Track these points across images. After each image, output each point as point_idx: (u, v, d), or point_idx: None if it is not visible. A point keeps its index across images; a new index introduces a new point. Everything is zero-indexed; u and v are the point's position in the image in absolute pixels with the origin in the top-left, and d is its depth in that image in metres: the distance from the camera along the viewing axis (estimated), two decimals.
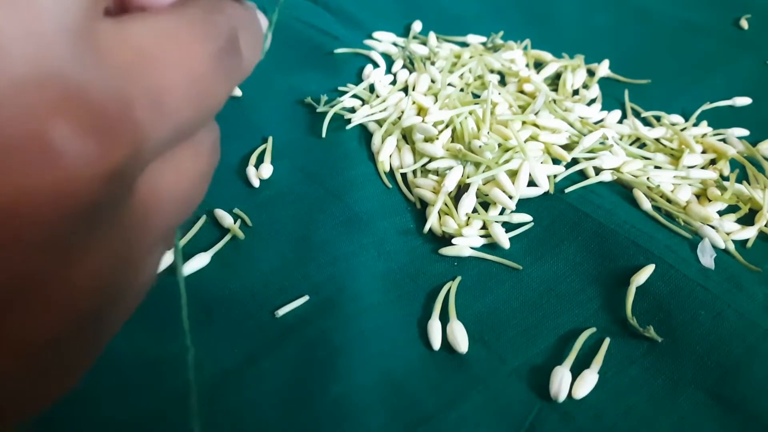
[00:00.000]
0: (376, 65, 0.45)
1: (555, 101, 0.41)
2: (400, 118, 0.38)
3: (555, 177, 0.35)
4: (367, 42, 0.48)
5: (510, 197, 0.33)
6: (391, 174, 0.37)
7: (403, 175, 0.37)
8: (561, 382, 0.27)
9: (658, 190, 0.35)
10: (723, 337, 0.28)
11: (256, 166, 0.37)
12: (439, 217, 0.34)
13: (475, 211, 0.34)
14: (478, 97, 0.42)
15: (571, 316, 0.30)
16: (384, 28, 0.49)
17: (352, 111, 0.41)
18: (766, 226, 0.34)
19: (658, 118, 0.42)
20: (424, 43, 0.48)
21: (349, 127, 0.39)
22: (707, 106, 0.43)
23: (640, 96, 0.44)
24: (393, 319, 0.30)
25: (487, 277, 0.32)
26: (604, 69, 0.46)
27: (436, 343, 0.28)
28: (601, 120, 0.41)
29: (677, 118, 0.42)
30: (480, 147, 0.34)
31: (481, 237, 0.33)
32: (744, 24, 0.53)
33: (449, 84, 0.42)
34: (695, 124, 0.41)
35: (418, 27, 0.50)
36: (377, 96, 0.42)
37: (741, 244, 0.33)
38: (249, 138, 0.39)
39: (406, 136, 0.38)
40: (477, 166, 0.35)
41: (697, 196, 0.36)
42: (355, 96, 0.42)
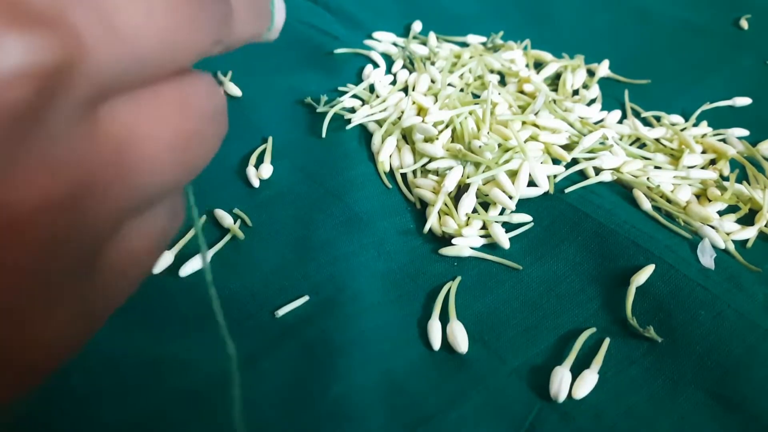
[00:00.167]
0: (376, 65, 0.45)
1: (555, 101, 0.41)
2: (400, 118, 0.38)
3: (555, 177, 0.35)
4: (367, 42, 0.48)
5: (510, 197, 0.33)
6: (391, 174, 0.37)
7: (403, 175, 0.37)
8: (561, 382, 0.27)
9: (658, 190, 0.35)
10: (723, 337, 0.28)
11: (256, 166, 0.37)
12: (439, 217, 0.34)
13: (475, 211, 0.34)
14: (478, 97, 0.42)
15: (571, 316, 0.30)
16: (384, 28, 0.49)
17: (352, 111, 0.41)
18: (766, 226, 0.34)
19: (658, 118, 0.42)
20: (424, 43, 0.48)
21: (349, 127, 0.39)
22: (707, 106, 0.43)
23: (640, 96, 0.44)
24: (393, 319, 0.30)
25: (487, 277, 0.32)
26: (604, 69, 0.46)
27: (436, 343, 0.28)
28: (601, 120, 0.41)
29: (677, 118, 0.42)
30: (480, 147, 0.34)
31: (481, 237, 0.33)
32: (744, 24, 0.53)
33: (449, 84, 0.42)
34: (695, 124, 0.41)
35: (418, 27, 0.50)
36: (377, 96, 0.42)
37: (741, 244, 0.33)
38: (249, 138, 0.39)
39: (406, 136, 0.38)
40: (477, 166, 0.35)
41: (697, 196, 0.36)
42: (355, 96, 0.42)
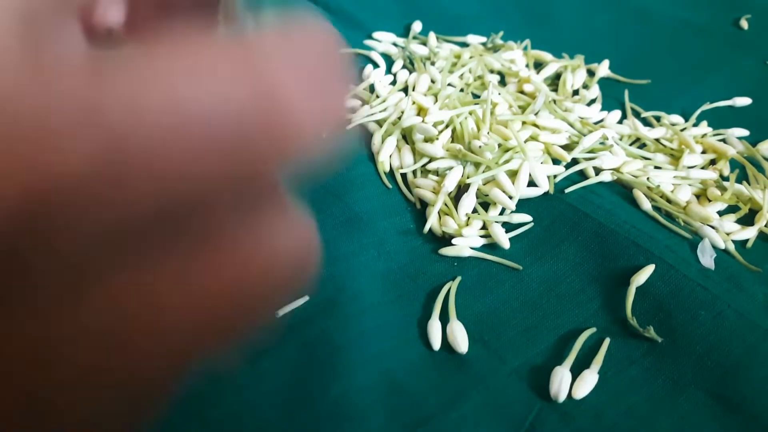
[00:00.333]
0: (376, 65, 0.45)
1: (555, 101, 0.41)
2: (400, 119, 0.38)
3: (555, 177, 0.35)
4: (367, 42, 0.48)
5: (510, 197, 0.33)
6: (391, 174, 0.37)
7: (403, 176, 0.37)
8: (561, 382, 0.27)
9: (658, 191, 0.35)
10: (723, 337, 0.28)
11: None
12: (439, 217, 0.34)
13: (475, 211, 0.34)
14: (478, 97, 0.42)
15: (571, 316, 0.30)
16: (384, 28, 0.49)
17: (352, 111, 0.41)
18: (766, 226, 0.34)
19: (658, 119, 0.42)
20: (424, 44, 0.48)
21: (349, 127, 0.39)
22: (707, 106, 0.43)
23: (640, 96, 0.44)
24: (393, 319, 0.30)
25: (487, 277, 0.32)
26: (604, 69, 0.46)
27: (436, 343, 0.28)
28: (601, 120, 0.41)
29: (677, 118, 0.42)
30: (480, 147, 0.34)
31: (481, 237, 0.33)
32: (744, 24, 0.53)
33: (449, 84, 0.42)
34: (695, 125, 0.41)
35: (418, 27, 0.50)
36: (377, 96, 0.42)
37: (741, 245, 0.33)
38: None
39: (406, 137, 0.38)
40: (477, 166, 0.35)
41: (697, 197, 0.36)
42: (354, 96, 0.42)
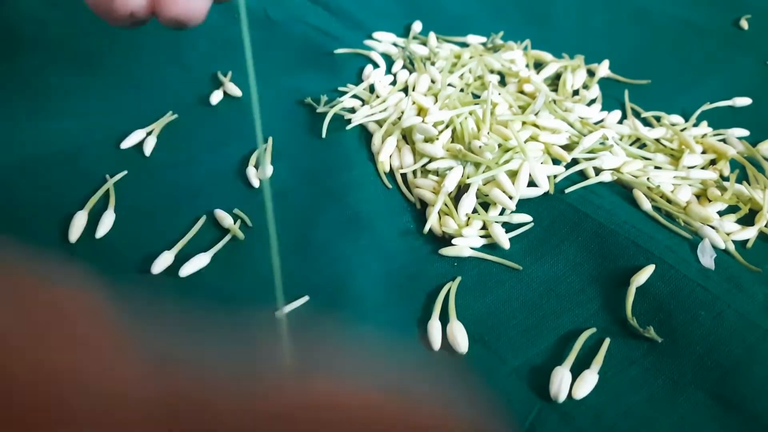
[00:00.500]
0: (376, 65, 0.45)
1: (555, 101, 0.41)
2: (400, 119, 0.38)
3: (555, 177, 0.35)
4: (367, 42, 0.48)
5: (510, 197, 0.33)
6: (391, 174, 0.37)
7: (403, 176, 0.37)
8: (561, 383, 0.27)
9: (658, 191, 0.35)
10: (723, 337, 0.28)
11: (256, 166, 0.37)
12: (439, 217, 0.34)
13: (475, 211, 0.34)
14: (478, 97, 0.42)
15: (571, 317, 0.30)
16: (384, 29, 0.49)
17: (352, 111, 0.41)
18: (766, 226, 0.34)
19: (658, 119, 0.42)
20: (424, 44, 0.48)
21: (349, 127, 0.39)
22: (707, 107, 0.43)
23: (640, 96, 0.44)
24: (393, 319, 0.30)
25: (487, 277, 0.32)
26: (604, 69, 0.46)
27: (436, 343, 0.28)
28: (601, 120, 0.41)
29: (677, 119, 0.42)
30: (480, 147, 0.34)
31: (481, 237, 0.33)
32: (744, 24, 0.53)
33: (449, 84, 0.42)
34: (695, 125, 0.41)
35: (418, 27, 0.50)
36: (377, 96, 0.42)
37: (741, 245, 0.33)
38: (249, 138, 0.39)
39: (406, 137, 0.38)
40: (477, 166, 0.35)
41: (697, 197, 0.36)
42: (355, 96, 0.42)
